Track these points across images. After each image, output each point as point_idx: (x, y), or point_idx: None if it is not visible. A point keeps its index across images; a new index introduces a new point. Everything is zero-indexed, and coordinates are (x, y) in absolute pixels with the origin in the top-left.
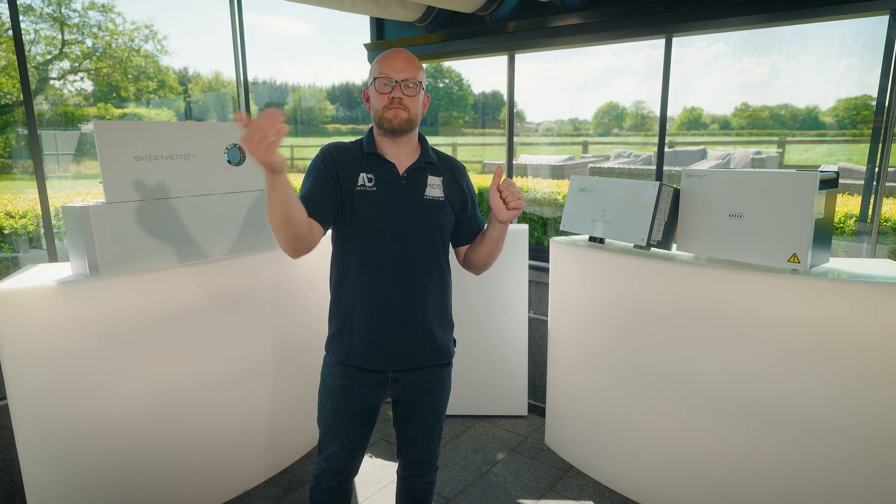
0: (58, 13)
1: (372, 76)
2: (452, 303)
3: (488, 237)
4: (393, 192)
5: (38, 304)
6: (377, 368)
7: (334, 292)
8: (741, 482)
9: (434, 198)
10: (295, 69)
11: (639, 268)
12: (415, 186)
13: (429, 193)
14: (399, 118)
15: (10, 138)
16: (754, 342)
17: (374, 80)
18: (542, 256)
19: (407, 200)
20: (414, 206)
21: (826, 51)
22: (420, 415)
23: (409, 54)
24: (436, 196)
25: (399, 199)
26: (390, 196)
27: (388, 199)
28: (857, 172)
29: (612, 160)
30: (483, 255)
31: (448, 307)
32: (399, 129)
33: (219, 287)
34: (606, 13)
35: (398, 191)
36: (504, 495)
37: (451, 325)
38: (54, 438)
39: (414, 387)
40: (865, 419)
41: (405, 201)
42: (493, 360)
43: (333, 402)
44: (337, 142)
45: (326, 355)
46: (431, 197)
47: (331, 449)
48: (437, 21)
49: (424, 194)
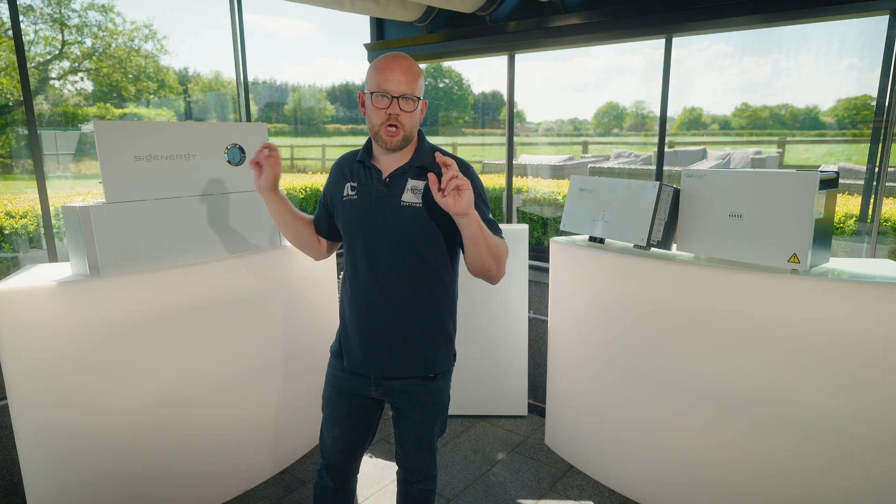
0: (57, 13)
1: (369, 88)
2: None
3: (467, 241)
4: (371, 198)
5: (38, 304)
6: (354, 369)
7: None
8: (741, 482)
9: (410, 203)
10: (295, 69)
11: (639, 268)
12: (392, 191)
13: (406, 199)
14: (394, 140)
15: (10, 138)
16: (754, 342)
17: (371, 93)
18: (542, 256)
19: (383, 205)
20: (389, 209)
21: (826, 51)
22: (406, 424)
23: (408, 64)
24: (412, 202)
25: (374, 204)
26: (367, 201)
27: (367, 205)
28: (857, 172)
29: (612, 160)
30: (470, 260)
31: (440, 319)
32: (394, 149)
33: (219, 287)
34: (606, 13)
35: (375, 196)
36: (504, 495)
37: (446, 339)
38: (54, 438)
39: (396, 393)
40: (865, 419)
41: (381, 206)
42: (493, 360)
43: (328, 391)
44: (346, 154)
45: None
46: (408, 202)
47: (327, 441)
48: (437, 21)
49: (402, 200)
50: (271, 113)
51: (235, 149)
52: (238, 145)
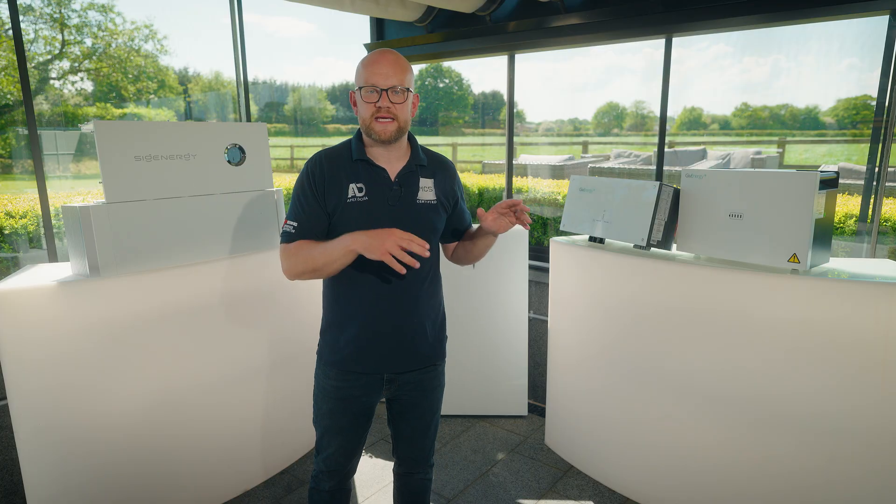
0: (57, 13)
1: (358, 83)
2: (452, 303)
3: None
4: (386, 199)
5: (38, 304)
6: (373, 371)
7: (328, 298)
8: (741, 482)
9: (427, 201)
10: (295, 69)
11: (639, 268)
12: (407, 191)
13: (421, 197)
14: (388, 131)
15: (10, 138)
16: (754, 342)
17: (359, 88)
18: (542, 256)
19: (400, 206)
20: (407, 211)
21: (826, 51)
22: (416, 413)
23: (394, 56)
24: (428, 199)
25: (392, 205)
26: (383, 203)
27: (381, 206)
28: (857, 172)
29: (612, 160)
30: (476, 254)
31: (440, 304)
32: (388, 140)
33: (219, 287)
34: (606, 13)
35: (391, 197)
36: (504, 495)
37: (444, 320)
38: (54, 438)
39: (409, 386)
40: (865, 419)
41: (398, 207)
42: (493, 360)
43: (329, 404)
44: (322, 151)
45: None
46: (424, 200)
47: (328, 451)
48: (437, 21)
49: (417, 198)
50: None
51: (235, 149)
52: (238, 145)
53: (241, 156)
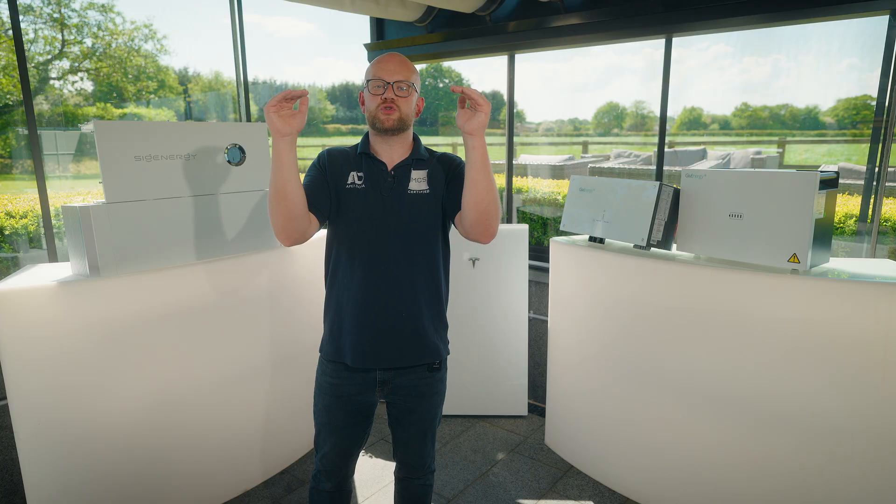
0: (57, 13)
1: (366, 79)
2: (452, 303)
3: (469, 168)
4: (380, 189)
5: (38, 304)
6: (364, 367)
7: (327, 290)
8: (741, 482)
9: (418, 191)
10: (295, 69)
11: (639, 268)
12: (399, 182)
13: (413, 187)
14: (391, 119)
15: (10, 138)
16: (754, 342)
17: (367, 82)
18: (542, 256)
19: (392, 196)
20: (398, 200)
21: (826, 51)
22: (411, 419)
23: (402, 58)
24: (420, 189)
25: (385, 195)
26: (377, 192)
27: (375, 194)
28: (857, 172)
29: (612, 160)
30: (474, 198)
31: (441, 307)
32: (391, 128)
33: (219, 287)
34: (606, 13)
35: (384, 187)
36: (504, 495)
37: (445, 326)
38: (54, 438)
39: (403, 390)
40: (865, 419)
41: (390, 197)
42: (493, 360)
43: (325, 401)
44: (338, 147)
45: (320, 355)
46: (416, 191)
47: (325, 449)
48: (437, 21)
49: (409, 188)
50: None
51: (235, 149)
52: (238, 145)
53: (241, 156)
